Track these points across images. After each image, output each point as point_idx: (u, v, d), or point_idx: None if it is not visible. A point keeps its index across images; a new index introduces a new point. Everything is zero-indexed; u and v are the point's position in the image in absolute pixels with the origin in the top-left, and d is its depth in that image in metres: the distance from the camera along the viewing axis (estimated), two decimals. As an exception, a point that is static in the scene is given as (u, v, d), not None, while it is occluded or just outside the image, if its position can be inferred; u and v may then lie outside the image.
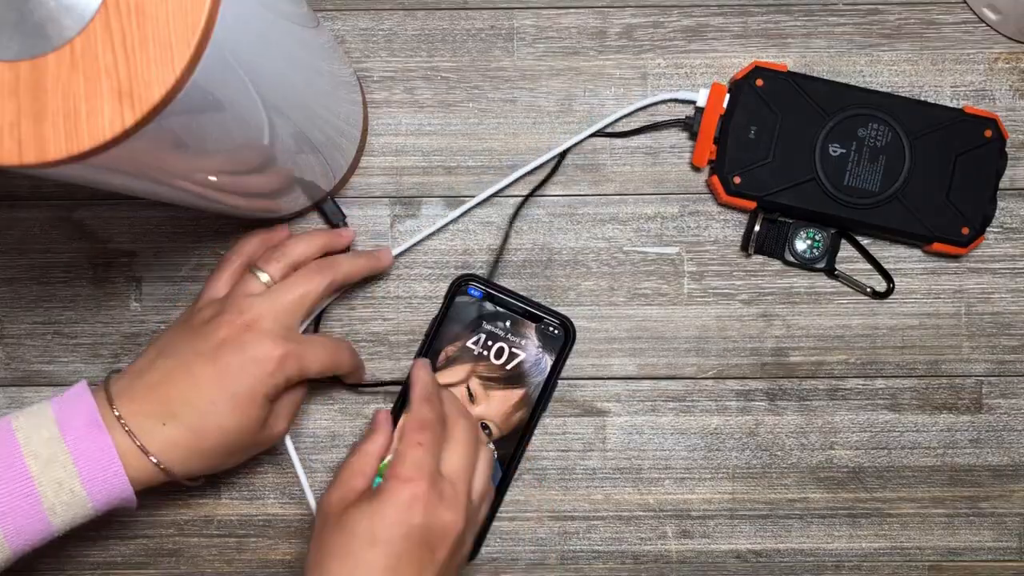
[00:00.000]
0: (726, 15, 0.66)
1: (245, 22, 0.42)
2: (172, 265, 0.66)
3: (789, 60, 0.66)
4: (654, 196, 0.66)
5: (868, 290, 0.65)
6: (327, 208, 0.65)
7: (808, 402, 0.66)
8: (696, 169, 0.66)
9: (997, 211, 0.65)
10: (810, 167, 0.63)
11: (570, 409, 0.66)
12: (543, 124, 0.66)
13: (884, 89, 0.65)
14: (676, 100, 0.66)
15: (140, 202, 0.66)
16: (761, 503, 0.66)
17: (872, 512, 0.66)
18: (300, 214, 0.66)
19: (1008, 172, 0.66)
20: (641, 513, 0.66)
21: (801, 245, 0.65)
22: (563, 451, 0.66)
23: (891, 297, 0.65)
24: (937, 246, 0.64)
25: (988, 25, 0.66)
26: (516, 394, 0.64)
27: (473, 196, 0.66)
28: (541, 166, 0.66)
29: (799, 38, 0.66)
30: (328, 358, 0.59)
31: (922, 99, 0.65)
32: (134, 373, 0.55)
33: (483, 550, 0.65)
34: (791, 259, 0.65)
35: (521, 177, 0.66)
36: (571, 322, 0.64)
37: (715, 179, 0.64)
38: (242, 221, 0.66)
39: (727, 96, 0.64)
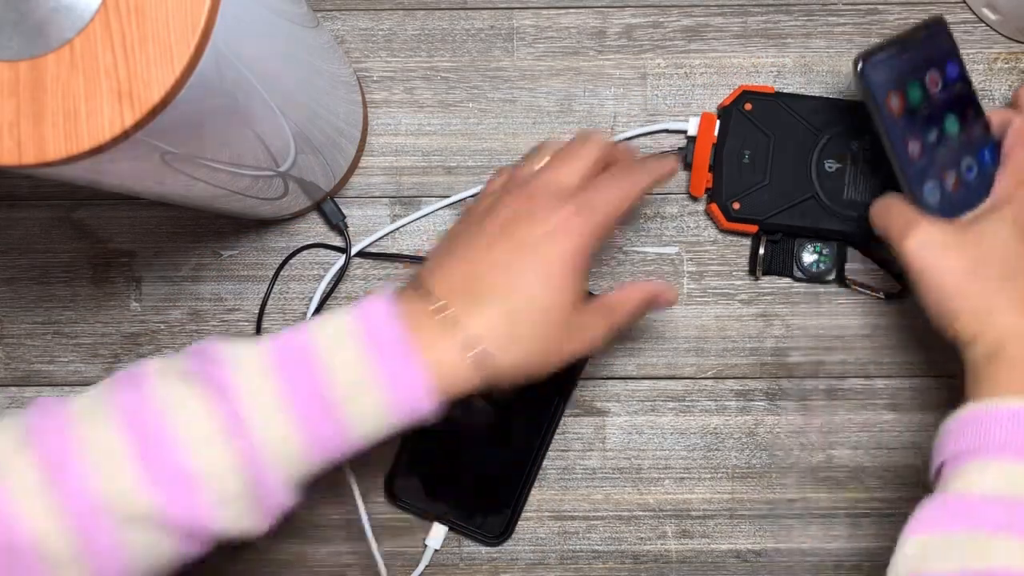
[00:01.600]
0: (726, 15, 0.66)
1: (245, 22, 0.43)
2: (172, 265, 0.66)
3: (789, 60, 0.66)
4: (654, 196, 0.66)
5: (881, 294, 0.65)
6: (327, 208, 0.65)
7: (808, 402, 0.66)
8: (694, 199, 0.66)
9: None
10: (808, 185, 0.63)
11: (570, 409, 0.66)
12: (543, 124, 0.66)
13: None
14: (667, 130, 0.65)
15: (140, 202, 0.66)
16: (761, 503, 0.66)
17: (872, 512, 0.66)
18: (300, 214, 0.66)
19: (1008, 172, 0.66)
20: (641, 513, 0.66)
21: (808, 259, 0.64)
22: (563, 451, 0.66)
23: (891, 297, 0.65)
24: None
25: (987, 25, 0.66)
26: None
27: (472, 196, 0.66)
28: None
29: (799, 38, 0.66)
30: (619, 190, 0.53)
31: None
32: (428, 271, 0.51)
33: (483, 550, 0.65)
34: (800, 275, 0.65)
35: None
36: None
37: (714, 207, 0.64)
38: (241, 221, 0.66)
39: (717, 123, 0.64)
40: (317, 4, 0.66)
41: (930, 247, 0.54)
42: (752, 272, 0.65)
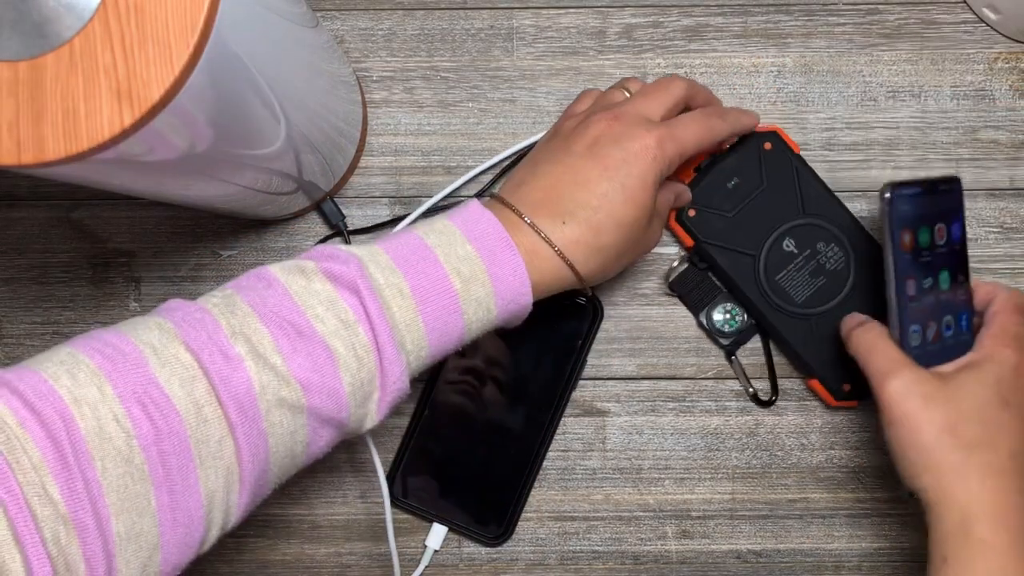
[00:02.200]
0: (726, 15, 0.66)
1: (244, 22, 0.42)
2: (171, 265, 0.66)
3: (789, 60, 0.66)
4: (654, 196, 0.66)
5: (751, 391, 0.65)
6: (327, 208, 0.65)
7: (808, 402, 0.66)
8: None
9: (997, 211, 0.65)
10: (758, 245, 0.63)
11: (570, 409, 0.66)
12: (543, 124, 0.66)
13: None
14: None
15: (139, 202, 0.66)
16: (761, 503, 0.66)
17: (872, 512, 0.66)
18: (299, 214, 0.66)
19: (1008, 172, 0.66)
20: (641, 513, 0.66)
21: (718, 316, 0.65)
22: (563, 451, 0.66)
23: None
24: (814, 383, 0.64)
25: (988, 25, 0.66)
26: None
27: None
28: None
29: (799, 38, 0.66)
30: (701, 129, 0.57)
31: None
32: (515, 186, 0.55)
33: (483, 551, 0.65)
34: (703, 320, 0.65)
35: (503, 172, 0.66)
36: (598, 299, 0.65)
37: None
38: (240, 221, 0.66)
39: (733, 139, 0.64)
40: (317, 4, 0.66)
41: (913, 397, 0.54)
42: (666, 279, 0.65)
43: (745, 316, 0.64)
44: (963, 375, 0.55)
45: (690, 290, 0.65)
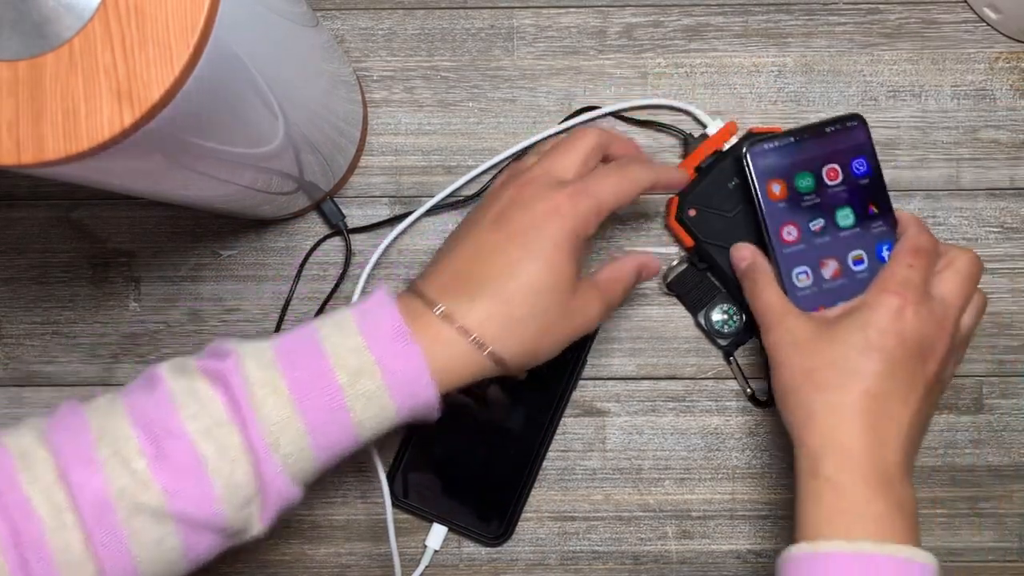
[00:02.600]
0: (726, 14, 0.66)
1: (244, 22, 0.42)
2: (171, 265, 0.66)
3: (789, 59, 0.66)
4: (654, 196, 0.66)
5: (749, 391, 0.65)
6: (327, 208, 0.65)
7: (808, 402, 0.66)
8: None
9: (997, 211, 0.65)
10: (758, 245, 0.63)
11: (570, 409, 0.66)
12: (543, 124, 0.66)
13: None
14: (692, 116, 0.65)
15: (139, 202, 0.66)
16: (761, 503, 0.66)
17: (872, 512, 0.65)
18: (299, 214, 0.66)
19: (1009, 172, 0.66)
20: (641, 513, 0.66)
21: (717, 316, 0.65)
22: (563, 451, 0.66)
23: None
24: None
25: (989, 24, 0.66)
26: None
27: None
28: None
29: (799, 37, 0.66)
30: (618, 179, 0.54)
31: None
32: (428, 269, 0.53)
33: (483, 551, 0.65)
34: (701, 321, 0.65)
35: (502, 172, 0.66)
36: None
37: (675, 200, 0.64)
38: (240, 221, 0.66)
39: (734, 138, 0.64)
40: (317, 4, 0.66)
41: (785, 345, 0.55)
42: (664, 278, 0.65)
43: (744, 316, 0.64)
44: (842, 320, 0.55)
45: (689, 290, 0.65)
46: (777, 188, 0.60)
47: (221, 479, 0.45)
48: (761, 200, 0.60)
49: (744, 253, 0.60)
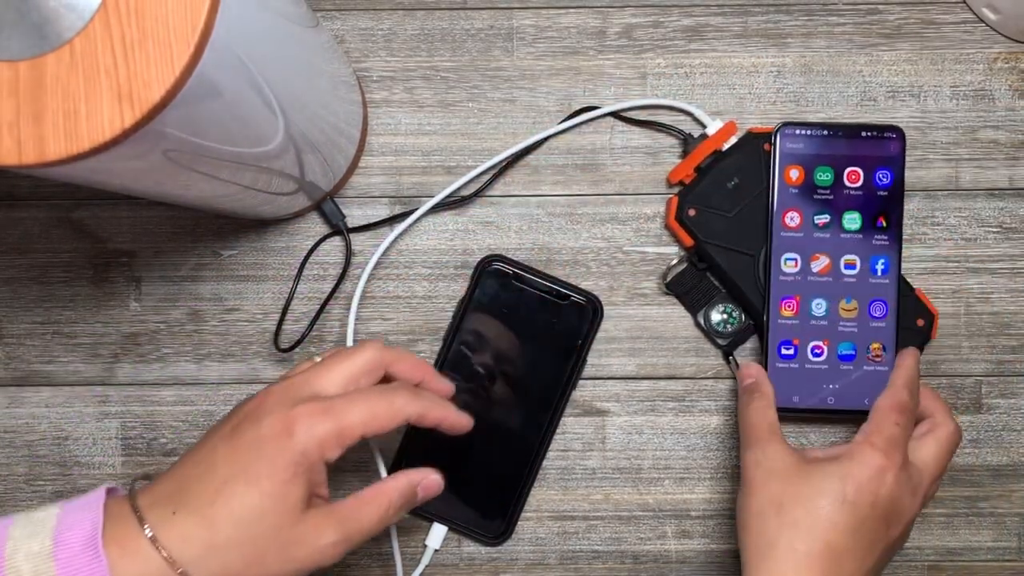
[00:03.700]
0: (726, 15, 0.66)
1: (245, 22, 0.42)
2: (172, 265, 0.66)
3: (789, 60, 0.66)
4: (654, 196, 0.66)
5: None
6: (327, 208, 0.65)
7: (808, 402, 0.66)
8: (668, 182, 0.66)
9: (996, 211, 0.65)
10: (758, 245, 0.63)
11: (570, 409, 0.66)
12: (543, 124, 0.66)
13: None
14: (692, 116, 0.65)
15: (140, 202, 0.66)
16: (761, 503, 0.66)
17: (872, 512, 0.66)
18: (300, 214, 0.66)
19: (1008, 172, 0.66)
20: (641, 513, 0.66)
21: (716, 316, 0.65)
22: (563, 451, 0.66)
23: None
24: None
25: (988, 25, 0.66)
26: None
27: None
28: (529, 154, 0.66)
29: (799, 38, 0.66)
30: (374, 405, 0.49)
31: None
32: (163, 474, 0.49)
33: (483, 550, 0.65)
34: (700, 321, 0.65)
35: (501, 172, 0.66)
36: (598, 299, 0.65)
37: (674, 200, 0.64)
38: (241, 221, 0.66)
39: (733, 139, 0.64)
40: (317, 4, 0.66)
41: (761, 468, 0.55)
42: (663, 278, 0.65)
43: (743, 316, 0.64)
44: (823, 463, 0.55)
45: (688, 290, 0.65)
46: (795, 174, 0.61)
47: None
48: (776, 180, 0.61)
49: (751, 371, 0.61)
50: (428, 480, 0.53)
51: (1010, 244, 0.66)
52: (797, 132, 0.62)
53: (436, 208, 0.66)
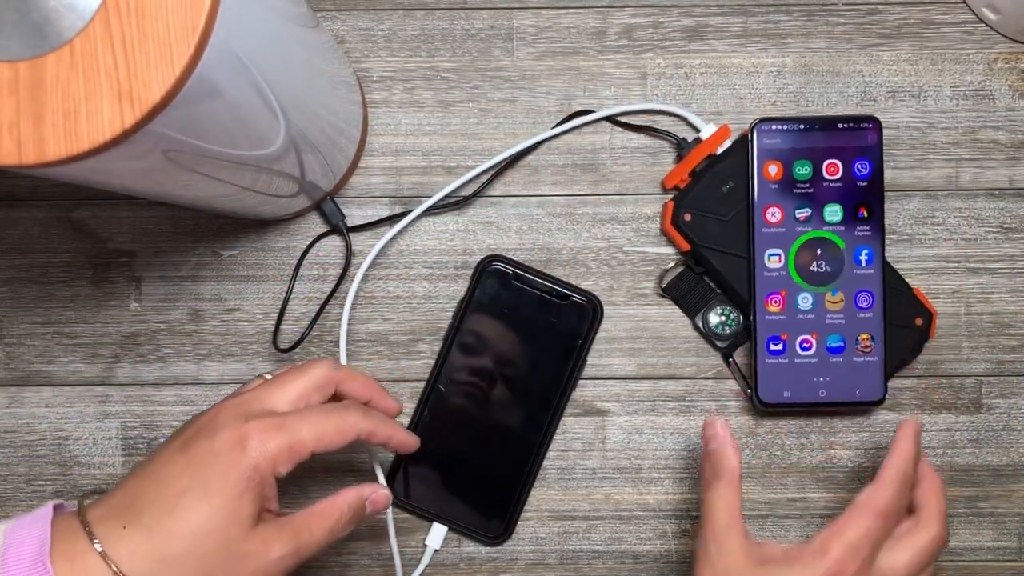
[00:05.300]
0: (726, 15, 0.66)
1: (245, 22, 0.42)
2: (172, 265, 0.66)
3: (789, 60, 0.66)
4: (654, 196, 0.66)
5: (748, 391, 0.65)
6: (327, 208, 0.65)
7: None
8: (664, 187, 0.66)
9: (996, 211, 0.65)
10: (751, 248, 0.63)
11: (570, 409, 0.66)
12: (543, 124, 0.66)
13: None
14: (686, 120, 0.65)
15: (140, 202, 0.66)
16: (761, 503, 0.66)
17: (872, 512, 0.66)
18: (300, 214, 0.66)
19: (1008, 172, 0.66)
20: (641, 513, 0.66)
21: (714, 319, 0.65)
22: (563, 451, 0.66)
23: (891, 297, 0.65)
24: None
25: (988, 25, 0.66)
26: None
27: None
28: (530, 154, 0.66)
29: (799, 38, 0.66)
30: (325, 421, 0.50)
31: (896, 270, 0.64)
32: (113, 488, 0.49)
33: (483, 550, 0.65)
34: (699, 324, 0.65)
35: (500, 173, 0.66)
36: (598, 299, 0.64)
37: (670, 205, 0.64)
38: (241, 221, 0.66)
39: (728, 142, 0.64)
40: (317, 4, 0.66)
41: (710, 564, 0.52)
42: (660, 281, 0.65)
43: (741, 318, 0.64)
44: (776, 567, 0.51)
45: (685, 293, 0.65)
46: (774, 169, 0.61)
47: None
48: (755, 176, 0.61)
49: (714, 431, 0.55)
50: (377, 495, 0.53)
51: (1010, 244, 0.66)
52: (773, 127, 0.62)
53: (436, 208, 0.66)
